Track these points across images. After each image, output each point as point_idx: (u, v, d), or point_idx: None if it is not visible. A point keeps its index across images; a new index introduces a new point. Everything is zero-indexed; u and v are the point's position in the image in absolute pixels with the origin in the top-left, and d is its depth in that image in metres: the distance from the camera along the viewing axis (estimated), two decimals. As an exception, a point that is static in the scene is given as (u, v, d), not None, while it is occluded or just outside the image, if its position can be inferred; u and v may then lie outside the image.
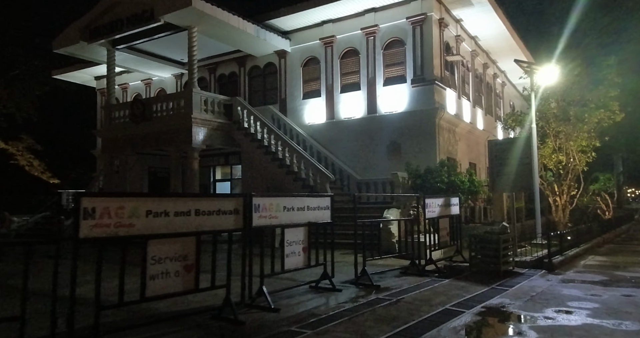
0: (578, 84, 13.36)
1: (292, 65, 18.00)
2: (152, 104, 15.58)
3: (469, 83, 19.01)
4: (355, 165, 16.17)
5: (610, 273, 8.94)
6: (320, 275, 7.13)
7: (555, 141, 13.77)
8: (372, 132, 16.09)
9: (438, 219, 9.43)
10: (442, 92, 15.77)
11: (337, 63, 17.00)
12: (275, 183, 15.19)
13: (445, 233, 9.73)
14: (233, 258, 5.74)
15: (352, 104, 16.64)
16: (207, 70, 20.10)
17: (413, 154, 15.12)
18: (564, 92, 13.46)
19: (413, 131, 15.31)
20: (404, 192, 13.50)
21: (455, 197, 10.32)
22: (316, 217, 6.92)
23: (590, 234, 14.06)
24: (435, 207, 9.32)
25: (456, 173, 12.53)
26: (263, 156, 15.52)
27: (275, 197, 6.34)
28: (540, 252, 9.92)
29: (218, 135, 15.73)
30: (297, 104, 17.85)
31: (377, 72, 16.19)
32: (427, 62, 15.26)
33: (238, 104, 16.13)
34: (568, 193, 13.79)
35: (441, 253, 10.34)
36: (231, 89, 19.37)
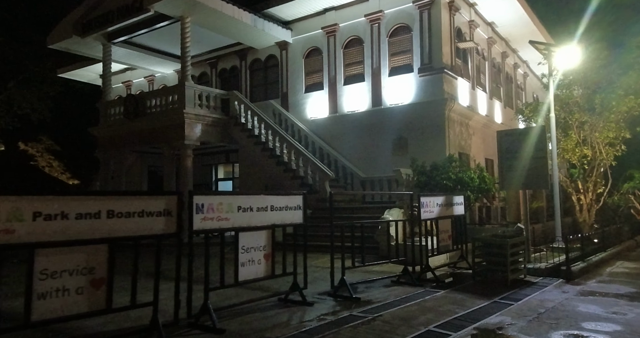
0: (604, 68, 11.94)
1: (294, 57, 17.09)
2: (145, 100, 14.98)
3: (485, 73, 17.65)
4: (359, 162, 15.12)
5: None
6: (290, 286, 6.19)
7: (579, 133, 12.38)
8: (377, 126, 15.01)
9: (437, 220, 8.33)
10: (453, 82, 14.55)
11: (340, 53, 15.99)
12: (272, 182, 14.33)
13: (446, 237, 8.60)
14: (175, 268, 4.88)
15: (355, 97, 15.60)
16: (209, 65, 19.43)
17: (421, 149, 13.95)
18: (588, 78, 12.06)
19: (420, 124, 14.15)
20: (408, 190, 12.39)
21: (459, 196, 9.18)
22: (283, 218, 5.98)
23: (619, 237, 12.62)
24: (434, 206, 8.22)
25: (465, 170, 11.34)
26: (260, 153, 14.69)
27: (227, 195, 5.42)
28: (558, 258, 8.68)
29: (214, 132, 14.98)
30: (299, 98, 16.93)
31: (382, 62, 15.09)
32: (436, 49, 14.07)
33: (235, 98, 15.34)
34: (594, 191, 12.38)
35: (444, 258, 9.24)
36: (233, 84, 18.61)
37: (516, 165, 9.02)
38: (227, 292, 6.19)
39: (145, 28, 15.06)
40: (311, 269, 7.80)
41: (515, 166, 9.03)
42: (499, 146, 9.36)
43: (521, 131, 9.20)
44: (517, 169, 8.99)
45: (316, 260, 10.76)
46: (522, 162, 8.94)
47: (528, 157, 8.88)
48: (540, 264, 8.57)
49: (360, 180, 14.40)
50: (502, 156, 9.25)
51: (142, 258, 4.42)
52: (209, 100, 14.86)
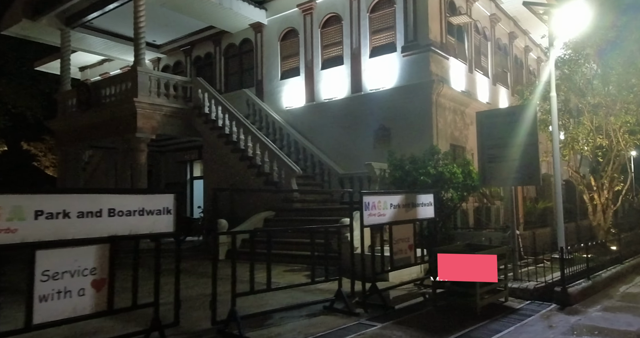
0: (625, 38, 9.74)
1: (269, 40, 15.37)
2: (99, 89, 13.54)
3: (486, 55, 15.52)
4: (338, 156, 13.28)
5: (663, 314, 5.63)
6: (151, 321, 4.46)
7: (592, 119, 10.23)
8: (357, 115, 13.14)
9: (391, 226, 6.46)
10: (443, 62, 12.54)
11: (318, 33, 14.17)
12: (237, 179, 12.68)
13: (405, 247, 6.72)
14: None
15: (334, 82, 13.76)
16: (183, 52, 17.91)
17: (405, 141, 12.00)
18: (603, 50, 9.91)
19: (405, 112, 12.21)
20: (382, 188, 10.52)
21: (428, 194, 7.28)
22: (136, 226, 4.25)
23: (641, 244, 10.41)
24: (385, 208, 6.36)
25: (447, 163, 9.38)
26: (224, 147, 13.06)
27: (18, 194, 3.70)
28: (552, 275, 6.69)
29: (174, 123, 13.42)
30: (274, 86, 15.20)
31: (363, 41, 13.20)
32: (422, 24, 12.10)
33: (199, 85, 13.74)
34: (610, 188, 10.20)
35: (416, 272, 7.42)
36: (208, 72, 17.06)
37: (500, 155, 7.07)
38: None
39: (99, 10, 13.61)
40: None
41: (499, 156, 7.09)
42: (478, 132, 7.42)
43: (506, 111, 7.25)
44: (502, 160, 7.05)
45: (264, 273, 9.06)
46: (507, 152, 6.99)
47: (515, 145, 6.92)
48: (530, 283, 6.59)
49: (338, 177, 12.56)
50: (483, 144, 7.31)
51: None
52: (168, 88, 13.29)
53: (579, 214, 13.42)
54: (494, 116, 7.23)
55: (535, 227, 11.51)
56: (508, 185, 7.28)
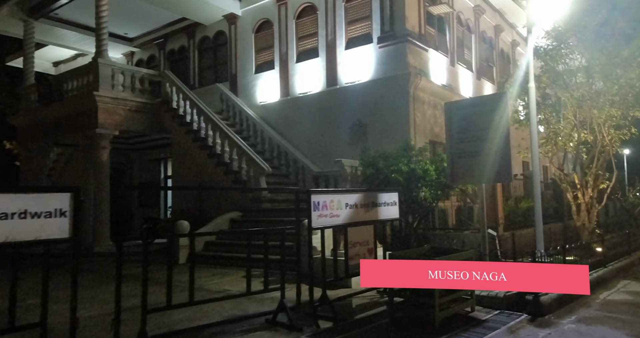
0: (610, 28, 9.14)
1: (244, 32, 14.70)
2: (61, 82, 12.83)
3: (470, 48, 14.92)
4: (314, 153, 12.66)
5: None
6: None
7: (576, 114, 9.63)
8: (332, 110, 12.50)
9: (346, 228, 5.82)
10: (422, 54, 11.92)
11: (293, 25, 13.51)
12: (204, 177, 12.02)
13: (363, 251, 6.09)
14: None
15: (309, 75, 13.12)
16: (156, 46, 17.21)
17: (382, 137, 11.37)
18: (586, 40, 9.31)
19: (381, 106, 11.59)
20: (355, 186, 9.89)
21: (392, 193, 6.64)
22: (15, 232, 3.54)
23: (629, 245, 9.82)
24: (338, 208, 5.72)
25: (420, 160, 8.75)
26: (192, 143, 12.39)
27: None
28: (524, 282, 6.06)
29: (141, 119, 12.73)
30: (248, 80, 14.53)
31: (338, 32, 12.56)
32: (398, 13, 11.47)
33: (167, 79, 13.06)
34: (595, 186, 9.61)
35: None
36: (182, 67, 16.39)
37: (470, 150, 6.44)
38: None
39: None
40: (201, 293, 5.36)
41: (468, 151, 6.46)
42: (447, 124, 6.80)
43: (476, 101, 6.63)
44: (471, 156, 6.42)
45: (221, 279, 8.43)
46: (477, 146, 6.36)
47: (485, 139, 6.30)
48: (500, 291, 5.97)
49: (312, 175, 11.92)
50: (452, 138, 6.68)
51: None
52: (133, 81, 12.60)
53: (567, 214, 12.84)
54: (464, 107, 6.61)
55: (518, 227, 10.92)
56: (478, 183, 6.66)
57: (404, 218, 9.54)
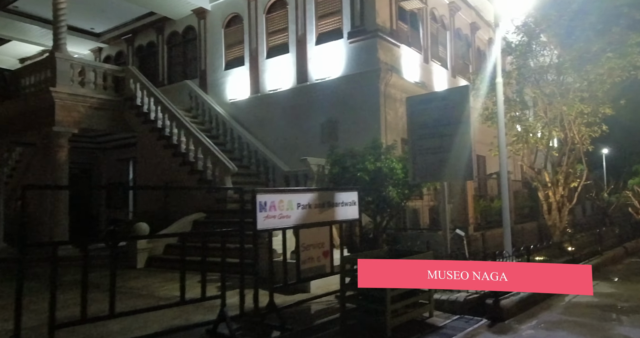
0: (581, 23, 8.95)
1: (213, 28, 14.25)
2: (18, 78, 12.22)
3: (445, 45, 14.70)
4: (285, 151, 12.26)
5: (610, 329, 4.78)
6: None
7: (546, 110, 9.44)
8: (303, 108, 12.15)
9: (298, 230, 5.46)
10: (393, 50, 11.64)
11: (263, 19, 13.11)
12: (169, 177, 11.55)
13: (319, 254, 5.73)
14: None
15: (279, 72, 12.73)
16: (125, 41, 16.63)
17: (353, 135, 11.04)
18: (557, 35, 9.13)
19: (352, 103, 11.27)
20: (322, 185, 9.55)
21: (350, 192, 6.30)
22: None
23: (601, 244, 9.68)
24: (289, 208, 5.35)
25: (387, 159, 8.43)
26: (156, 142, 11.90)
27: None
28: (486, 285, 5.78)
29: (103, 116, 12.18)
30: (218, 77, 14.09)
31: (309, 27, 12.21)
32: (369, 8, 11.16)
33: (131, 75, 12.53)
34: (565, 185, 9.42)
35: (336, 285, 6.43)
36: (151, 63, 15.88)
37: (431, 146, 6.14)
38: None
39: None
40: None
41: (429, 148, 6.16)
42: (408, 120, 6.49)
43: (438, 96, 6.32)
44: (433, 152, 6.13)
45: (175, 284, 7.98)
46: (439, 142, 6.07)
47: (447, 135, 6.01)
48: (460, 294, 5.68)
49: (282, 174, 11.54)
50: (413, 134, 6.38)
51: None
52: (95, 77, 12.05)
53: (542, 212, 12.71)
54: (426, 101, 6.31)
55: (491, 227, 10.71)
56: (439, 181, 6.36)
57: (372, 218, 9.25)
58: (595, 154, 34.02)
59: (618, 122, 23.63)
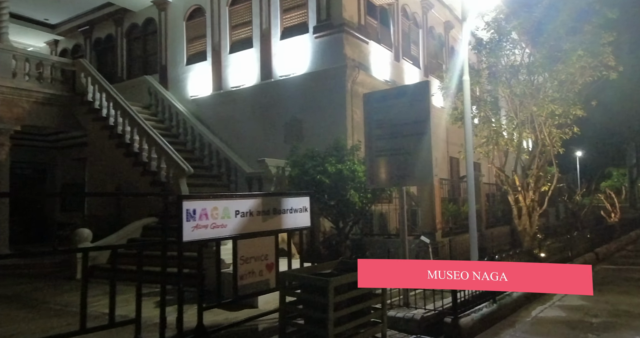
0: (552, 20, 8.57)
1: (174, 20, 13.49)
2: (-44, 70, 11.21)
3: (417, 43, 14.28)
4: (249, 152, 11.57)
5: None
6: None
7: (517, 111, 9.04)
8: (267, 106, 11.52)
9: (235, 241, 4.84)
10: (361, 46, 11.11)
11: (226, 11, 12.43)
12: (121, 178, 10.76)
13: (261, 268, 5.13)
14: None
15: (243, 68, 12.07)
16: (82, 34, 15.69)
17: (319, 135, 10.45)
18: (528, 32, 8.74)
19: (317, 101, 10.70)
20: (279, 189, 8.95)
21: (301, 197, 5.71)
22: None
23: (572, 250, 9.35)
24: (225, 217, 4.73)
25: (345, 161, 7.87)
26: (108, 141, 11.08)
27: None
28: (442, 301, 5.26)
29: (50, 112, 11.29)
30: (179, 72, 13.33)
31: (273, 21, 11.58)
32: (335, 1, 10.60)
33: (82, 69, 11.68)
34: (536, 189, 9.04)
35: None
36: (110, 57, 15.00)
37: (389, 147, 5.60)
38: None
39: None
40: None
41: (387, 149, 5.61)
42: (365, 119, 5.93)
43: (397, 92, 5.77)
44: (391, 154, 5.58)
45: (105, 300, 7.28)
46: (397, 143, 5.53)
47: (405, 135, 5.48)
48: (418, 311, 5.14)
49: (245, 176, 10.87)
50: (370, 134, 5.82)
51: None
52: (42, 70, 11.16)
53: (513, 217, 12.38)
54: (383, 98, 5.76)
55: (459, 232, 10.29)
56: (397, 186, 5.83)
57: (334, 224, 8.69)
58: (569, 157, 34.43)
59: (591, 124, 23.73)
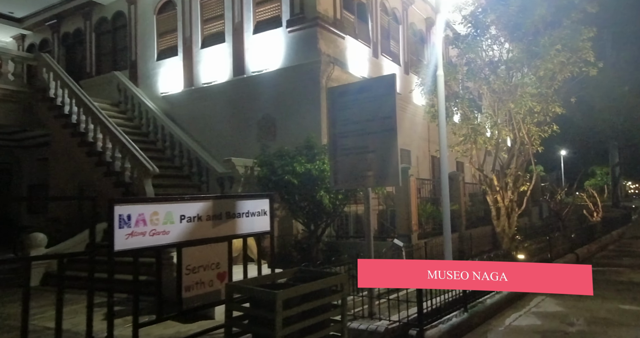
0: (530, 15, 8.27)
1: (145, 13, 12.95)
2: None
3: (397, 39, 13.94)
4: (221, 151, 11.09)
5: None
6: None
7: (495, 109, 8.74)
8: (240, 103, 11.07)
9: (180, 249, 4.40)
10: (337, 42, 10.72)
11: (197, 5, 11.93)
12: (83, 179, 10.22)
13: (211, 278, 4.70)
14: None
15: (215, 63, 11.60)
16: (50, 28, 15.04)
17: (293, 133, 10.03)
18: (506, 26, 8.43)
19: (291, 98, 10.29)
20: (247, 190, 8.52)
21: (260, 199, 5.28)
22: None
23: (552, 251, 9.07)
24: (168, 222, 4.28)
25: (315, 161, 7.46)
26: (70, 139, 10.52)
27: None
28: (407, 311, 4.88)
29: (10, 109, 10.70)
30: (150, 68, 12.80)
31: (246, 14, 11.13)
32: (309, -6, 10.20)
33: (44, 64, 11.09)
34: (515, 189, 8.75)
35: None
36: (79, 52, 14.38)
37: (353, 146, 5.20)
38: None
39: None
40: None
41: (351, 148, 5.22)
42: (329, 115, 5.53)
43: (361, 86, 5.37)
44: (355, 153, 5.19)
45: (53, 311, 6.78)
46: (361, 141, 5.14)
47: (370, 132, 5.09)
48: (382, 322, 4.76)
49: (217, 176, 10.41)
50: (334, 132, 5.42)
51: None
52: (0, 64, 10.55)
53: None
54: (348, 93, 5.36)
55: (437, 234, 9.96)
56: (362, 187, 5.44)
57: (306, 226, 8.30)
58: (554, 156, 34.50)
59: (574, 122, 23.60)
